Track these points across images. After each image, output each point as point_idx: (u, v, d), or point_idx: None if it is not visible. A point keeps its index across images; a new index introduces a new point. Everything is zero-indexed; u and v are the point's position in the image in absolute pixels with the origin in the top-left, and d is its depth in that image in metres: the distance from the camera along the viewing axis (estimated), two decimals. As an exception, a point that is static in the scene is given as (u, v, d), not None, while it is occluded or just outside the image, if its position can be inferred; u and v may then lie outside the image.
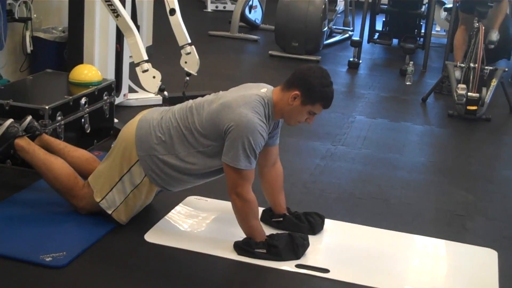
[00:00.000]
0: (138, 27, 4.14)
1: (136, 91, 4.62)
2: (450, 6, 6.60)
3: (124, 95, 4.44)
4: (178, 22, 3.95)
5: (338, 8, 7.55)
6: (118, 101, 4.20)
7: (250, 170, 2.52)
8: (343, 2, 7.85)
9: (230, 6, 8.95)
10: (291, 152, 3.79)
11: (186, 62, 3.94)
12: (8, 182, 3.15)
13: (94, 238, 2.61)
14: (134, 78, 4.02)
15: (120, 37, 4.15)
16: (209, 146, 2.58)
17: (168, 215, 2.88)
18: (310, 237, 2.70)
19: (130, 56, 3.75)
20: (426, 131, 4.67)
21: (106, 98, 3.78)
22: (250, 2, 7.67)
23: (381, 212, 3.18)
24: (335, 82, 2.64)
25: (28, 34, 4.39)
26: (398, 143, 4.30)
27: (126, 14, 3.55)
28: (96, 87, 3.69)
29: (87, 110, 3.60)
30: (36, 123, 3.06)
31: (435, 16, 6.97)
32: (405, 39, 6.74)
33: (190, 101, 2.71)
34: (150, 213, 2.86)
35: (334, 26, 7.72)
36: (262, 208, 2.85)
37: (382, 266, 2.63)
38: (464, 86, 4.83)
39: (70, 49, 4.17)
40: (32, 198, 2.96)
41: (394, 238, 2.89)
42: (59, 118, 3.35)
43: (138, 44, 3.51)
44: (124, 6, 3.75)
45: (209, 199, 3.06)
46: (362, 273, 2.55)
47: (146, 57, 3.52)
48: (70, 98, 3.46)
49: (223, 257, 2.56)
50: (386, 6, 7.10)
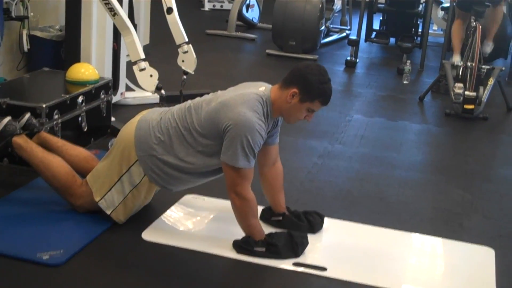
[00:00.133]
0: (135, 26, 4.14)
1: (133, 90, 4.62)
2: (447, 5, 6.61)
3: (121, 94, 4.43)
4: (175, 20, 3.94)
5: (335, 7, 7.56)
6: (115, 99, 4.20)
7: (249, 169, 2.52)
8: (340, 1, 7.85)
9: (227, 5, 8.96)
10: (289, 150, 3.79)
11: (183, 61, 3.93)
12: (5, 180, 3.15)
13: (91, 236, 2.61)
14: (131, 76, 4.02)
15: (117, 35, 4.15)
16: (208, 146, 2.57)
17: (165, 214, 2.88)
18: (309, 235, 2.70)
19: (127, 54, 3.74)
20: (423, 130, 4.68)
21: (103, 96, 3.78)
22: (247, 1, 7.68)
23: (378, 210, 3.18)
24: (333, 81, 2.64)
25: (25, 32, 4.38)
26: (395, 142, 4.30)
27: (123, 12, 3.55)
28: (93, 86, 3.68)
29: (84, 108, 3.59)
30: (34, 120, 3.06)
31: (432, 15, 6.98)
32: (402, 38, 6.76)
33: (189, 101, 2.71)
34: (148, 211, 2.86)
35: (332, 25, 7.72)
36: (262, 207, 2.85)
37: (379, 264, 2.64)
38: (461, 85, 4.84)
39: (67, 47, 4.16)
40: (29, 196, 2.95)
41: (391, 236, 2.89)
42: (56, 116, 3.34)
43: (135, 42, 3.50)
44: (121, 4, 3.74)
45: (206, 198, 3.06)
46: (359, 271, 2.56)
47: (143, 55, 3.52)
48: (67, 96, 3.46)
49: (222, 255, 2.56)
50: (383, 5, 7.10)
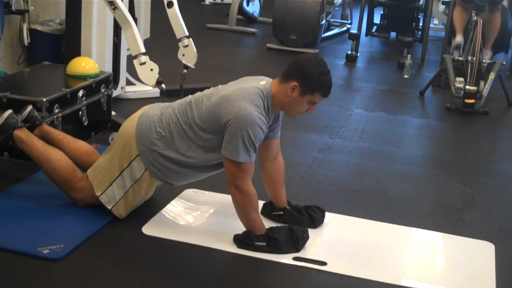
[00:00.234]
0: (135, 20, 4.13)
1: (133, 84, 4.61)
2: (448, -1, 6.60)
3: (121, 88, 4.43)
4: (175, 14, 3.94)
5: (336, 1, 7.54)
6: (115, 93, 4.20)
7: (250, 163, 2.51)
8: (341, -5, 7.84)
9: (228, -1, 8.93)
10: (289, 145, 3.78)
11: (183, 55, 3.93)
12: (5, 174, 3.15)
13: (91, 230, 2.61)
14: (131, 70, 4.01)
15: (117, 29, 4.14)
16: (208, 140, 2.57)
17: (165, 208, 2.88)
18: (309, 230, 2.70)
19: (128, 48, 3.74)
20: (423, 124, 4.67)
21: (103, 90, 3.77)
22: (248, -5, 7.67)
23: (378, 205, 3.18)
24: (333, 75, 2.63)
25: (25, 26, 4.37)
26: (396, 136, 4.30)
27: (123, 6, 3.54)
28: (93, 80, 3.68)
29: (85, 102, 3.59)
30: (36, 113, 3.06)
31: (433, 9, 6.96)
32: (403, 33, 6.74)
33: (190, 96, 2.71)
34: (148, 205, 2.86)
35: (332, 19, 7.71)
36: (263, 201, 2.85)
37: (379, 258, 2.64)
38: (462, 79, 4.83)
39: (67, 41, 4.16)
40: (29, 191, 2.96)
41: (391, 231, 2.90)
42: (57, 110, 3.34)
43: (136, 36, 3.50)
44: (121, -2, 3.74)
45: (207, 192, 3.06)
46: (359, 265, 2.56)
47: (143, 49, 3.51)
48: (68, 90, 3.46)
49: (222, 249, 2.56)
50: (384, -1, 7.10)
